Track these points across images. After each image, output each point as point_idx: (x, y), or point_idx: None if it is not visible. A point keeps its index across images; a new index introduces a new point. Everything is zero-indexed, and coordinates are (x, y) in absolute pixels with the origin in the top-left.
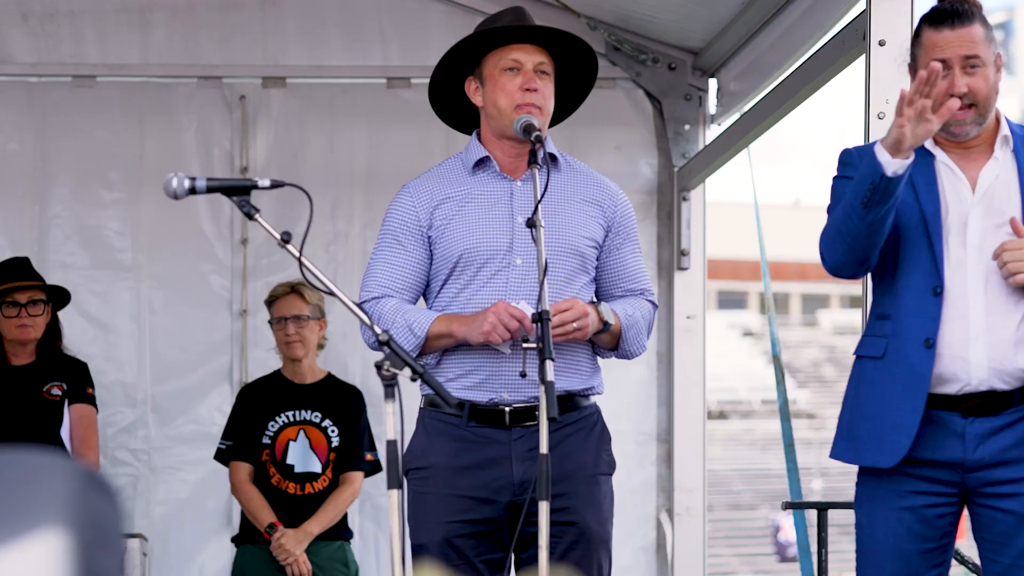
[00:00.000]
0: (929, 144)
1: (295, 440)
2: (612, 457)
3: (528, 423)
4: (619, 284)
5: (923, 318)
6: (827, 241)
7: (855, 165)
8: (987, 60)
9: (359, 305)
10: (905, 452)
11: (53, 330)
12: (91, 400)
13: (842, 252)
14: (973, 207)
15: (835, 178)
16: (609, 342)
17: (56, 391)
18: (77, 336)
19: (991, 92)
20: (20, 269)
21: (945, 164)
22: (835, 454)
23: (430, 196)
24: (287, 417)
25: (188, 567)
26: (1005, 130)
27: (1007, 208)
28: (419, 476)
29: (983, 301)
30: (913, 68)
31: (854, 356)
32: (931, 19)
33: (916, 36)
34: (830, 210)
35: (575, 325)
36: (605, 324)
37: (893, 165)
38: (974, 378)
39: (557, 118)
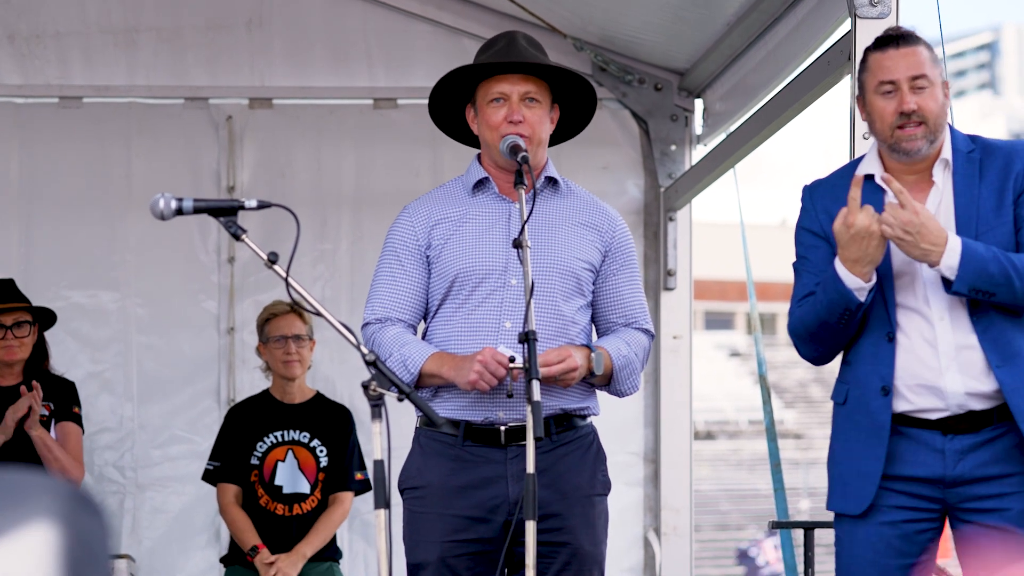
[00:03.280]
0: (880, 178)
1: (283, 461)
2: (607, 478)
3: (524, 442)
4: (615, 310)
5: (879, 364)
6: (802, 340)
7: (813, 213)
8: (934, 80)
9: (363, 325)
10: (871, 500)
11: (40, 351)
12: (77, 419)
13: (822, 351)
14: None
15: (797, 226)
16: (600, 381)
17: (43, 411)
18: (64, 355)
19: (941, 112)
20: (5, 291)
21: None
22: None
23: (428, 216)
24: (275, 437)
25: None
26: (946, 152)
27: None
28: (415, 495)
29: (949, 327)
30: (862, 100)
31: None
32: (875, 45)
33: (863, 64)
34: (796, 269)
35: (557, 375)
36: (591, 373)
37: (865, 288)
38: (952, 404)
39: (563, 138)
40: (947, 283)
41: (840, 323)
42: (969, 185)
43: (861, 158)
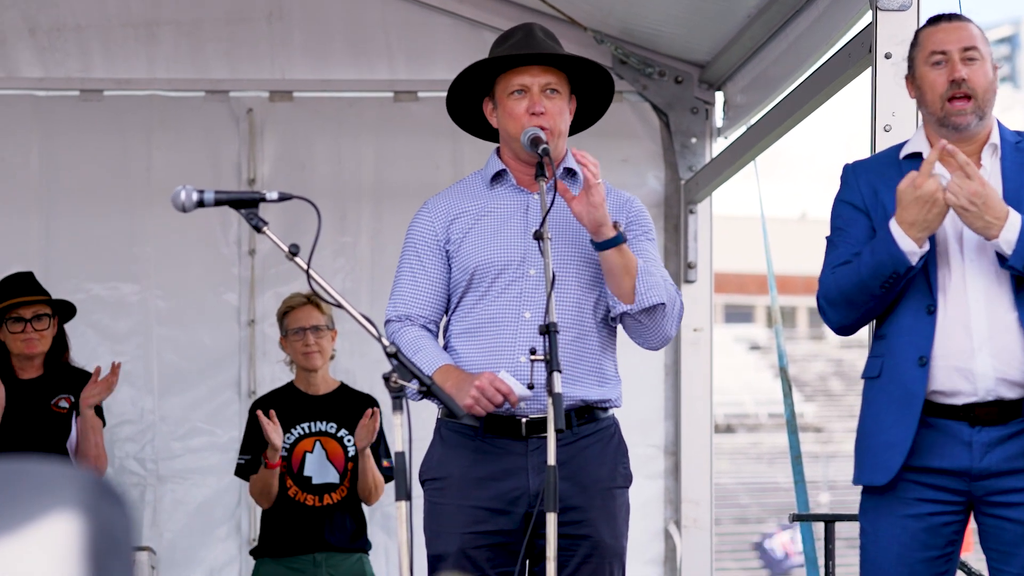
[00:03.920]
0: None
1: (311, 452)
2: (629, 470)
3: (544, 434)
4: None
5: (917, 336)
6: (833, 304)
7: (856, 188)
8: (985, 56)
9: (385, 322)
10: (898, 470)
11: (60, 343)
12: (99, 412)
13: (853, 319)
14: None
15: (836, 200)
16: (623, 274)
17: (64, 404)
18: (85, 348)
19: (989, 87)
20: (24, 284)
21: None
22: (852, 479)
23: (446, 211)
24: (302, 429)
25: None
26: (995, 138)
27: None
28: (435, 487)
29: (984, 310)
30: (911, 77)
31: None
32: (928, 23)
33: (913, 42)
34: (831, 240)
35: (592, 171)
36: (619, 232)
37: (918, 253)
38: (980, 388)
39: (581, 127)
40: (1002, 258)
41: (882, 287)
42: (1018, 172)
43: (904, 143)
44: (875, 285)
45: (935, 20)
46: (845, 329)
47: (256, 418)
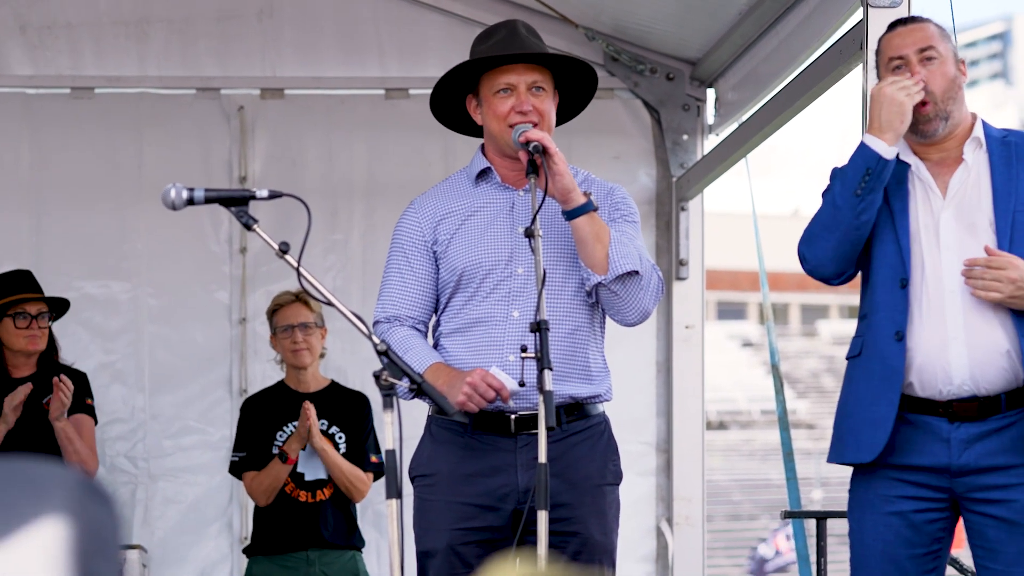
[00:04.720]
0: (904, 153)
1: (303, 449)
2: (619, 468)
3: (533, 431)
4: None
5: (892, 311)
6: (811, 239)
7: None
8: (944, 54)
9: (373, 323)
10: (883, 446)
11: (51, 342)
12: (90, 411)
13: (830, 248)
14: (943, 210)
15: (823, 193)
16: (595, 241)
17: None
18: (76, 346)
19: (949, 86)
20: (26, 281)
21: (916, 175)
22: (828, 457)
23: (433, 212)
24: (294, 427)
25: (188, 575)
26: (978, 132)
27: (978, 209)
28: (424, 483)
29: (959, 300)
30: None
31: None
32: (887, 28)
33: (877, 49)
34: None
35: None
36: (588, 200)
37: (889, 151)
38: (956, 377)
39: (560, 121)
40: None
41: (856, 193)
42: (1007, 165)
43: None
44: (849, 192)
45: (893, 25)
46: (823, 267)
47: (247, 415)
